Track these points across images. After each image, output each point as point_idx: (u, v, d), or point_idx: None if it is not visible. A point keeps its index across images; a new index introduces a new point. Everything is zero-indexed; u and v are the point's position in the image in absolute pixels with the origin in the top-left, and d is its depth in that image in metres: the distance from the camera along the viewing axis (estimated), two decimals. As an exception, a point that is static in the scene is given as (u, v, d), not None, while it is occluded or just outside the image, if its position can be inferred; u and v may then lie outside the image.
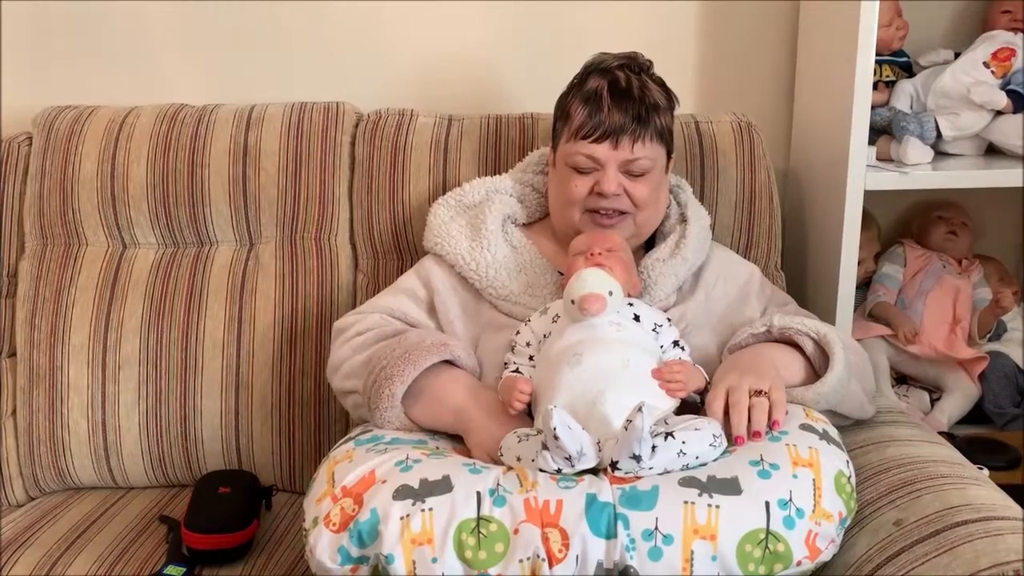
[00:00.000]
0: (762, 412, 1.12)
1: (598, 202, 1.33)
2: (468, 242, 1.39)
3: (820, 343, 1.25)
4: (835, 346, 1.23)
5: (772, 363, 1.23)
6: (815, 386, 1.22)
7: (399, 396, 1.20)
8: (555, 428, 1.02)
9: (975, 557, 0.99)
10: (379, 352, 1.25)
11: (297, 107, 1.64)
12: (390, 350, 1.24)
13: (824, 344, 1.25)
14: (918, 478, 1.15)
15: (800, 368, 1.26)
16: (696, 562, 0.97)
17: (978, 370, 1.81)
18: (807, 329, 1.26)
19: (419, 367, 1.21)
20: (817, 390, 1.21)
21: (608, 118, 1.30)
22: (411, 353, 1.22)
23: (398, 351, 1.23)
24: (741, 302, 1.39)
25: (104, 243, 1.62)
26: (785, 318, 1.28)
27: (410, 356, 1.22)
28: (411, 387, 1.21)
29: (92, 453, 1.54)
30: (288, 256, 1.60)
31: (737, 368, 1.20)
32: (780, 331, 1.27)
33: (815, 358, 1.26)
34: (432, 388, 1.22)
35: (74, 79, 1.82)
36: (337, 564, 1.01)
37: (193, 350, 1.55)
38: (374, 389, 1.21)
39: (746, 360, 1.24)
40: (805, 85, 1.80)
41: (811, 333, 1.26)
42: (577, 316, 1.18)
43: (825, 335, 1.25)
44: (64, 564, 1.33)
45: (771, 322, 1.28)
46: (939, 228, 1.91)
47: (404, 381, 1.20)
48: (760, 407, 1.12)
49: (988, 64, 1.72)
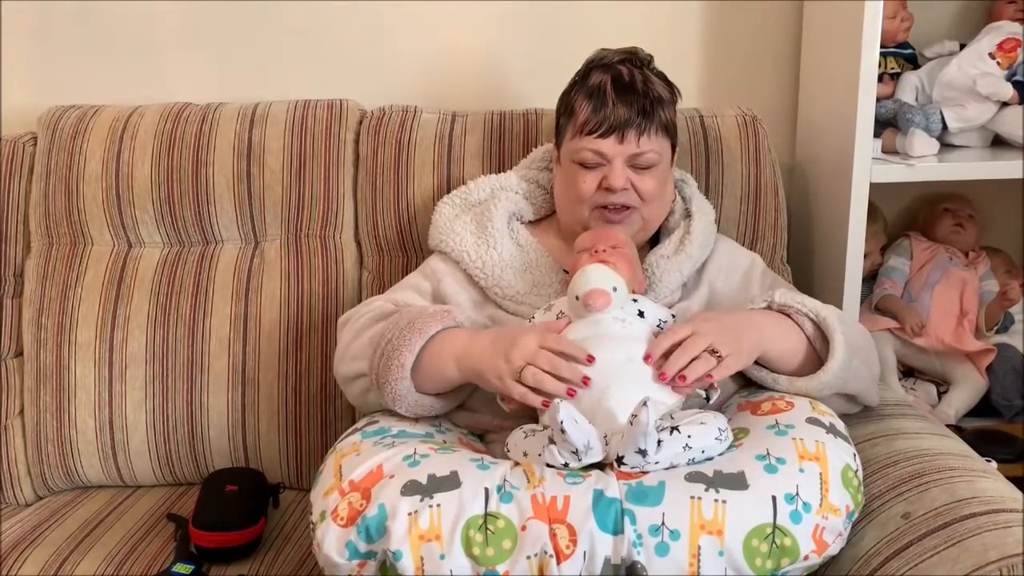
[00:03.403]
0: (703, 366, 1.12)
1: (606, 197, 1.32)
2: (474, 239, 1.38)
3: (820, 326, 1.24)
4: (834, 332, 1.22)
5: (759, 332, 1.21)
6: (818, 375, 1.21)
7: (408, 366, 1.18)
8: (562, 422, 1.02)
9: (983, 550, 0.99)
10: (383, 328, 1.23)
11: (301, 104, 1.64)
12: (393, 324, 1.22)
13: (823, 327, 1.23)
14: (926, 471, 1.14)
15: (800, 344, 1.24)
16: (703, 557, 0.97)
17: (985, 362, 1.80)
18: (806, 309, 1.24)
19: (425, 334, 1.19)
20: (820, 379, 1.21)
21: (613, 113, 1.30)
22: (416, 322, 1.20)
23: (401, 323, 1.21)
24: (743, 291, 1.38)
25: (110, 242, 1.62)
26: (787, 295, 1.27)
27: (415, 325, 1.20)
28: (417, 359, 1.19)
29: (100, 452, 1.55)
30: (293, 254, 1.60)
31: (718, 322, 1.19)
32: (780, 307, 1.26)
33: (815, 340, 1.24)
34: (430, 349, 1.20)
35: (78, 78, 1.82)
36: (345, 559, 1.01)
37: (199, 348, 1.56)
38: (382, 364, 1.19)
39: (732, 320, 1.22)
40: (810, 78, 1.80)
41: (810, 314, 1.24)
42: (582, 312, 1.18)
43: (825, 319, 1.23)
44: (73, 563, 1.34)
45: (772, 297, 1.27)
46: (945, 220, 1.90)
47: (412, 350, 1.18)
48: (704, 362, 1.12)
49: (994, 55, 1.71)
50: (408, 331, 1.19)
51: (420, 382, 1.20)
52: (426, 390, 1.21)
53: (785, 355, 1.23)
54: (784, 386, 1.23)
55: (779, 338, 1.23)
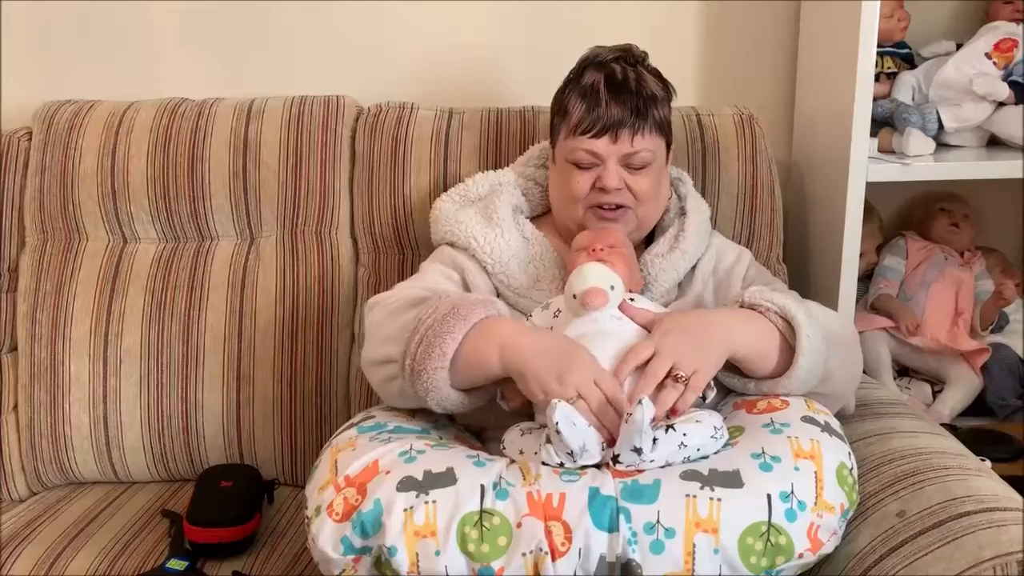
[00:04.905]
0: (670, 397, 1.09)
1: (600, 197, 1.32)
2: (481, 228, 1.36)
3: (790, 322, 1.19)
4: (800, 330, 1.16)
5: (727, 332, 1.16)
6: (782, 381, 1.17)
7: (449, 355, 1.11)
8: (558, 423, 1.02)
9: (978, 548, 0.99)
10: (422, 312, 1.16)
11: (297, 100, 1.64)
12: (433, 309, 1.15)
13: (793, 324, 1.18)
14: (921, 469, 1.15)
15: (772, 342, 1.18)
16: (698, 555, 0.97)
17: (980, 362, 1.81)
18: (775, 307, 1.19)
19: (469, 321, 1.13)
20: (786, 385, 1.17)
21: (606, 112, 1.29)
22: (459, 308, 1.14)
23: (442, 308, 1.15)
24: (727, 288, 1.37)
25: (105, 238, 1.62)
26: (757, 294, 1.22)
27: (458, 311, 1.14)
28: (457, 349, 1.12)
29: (94, 447, 1.55)
30: (289, 250, 1.59)
31: (681, 332, 1.14)
32: (749, 305, 1.21)
33: (788, 336, 1.19)
34: (472, 336, 1.13)
35: (74, 73, 1.81)
36: (340, 554, 1.01)
37: (194, 344, 1.55)
38: (420, 350, 1.12)
39: (698, 325, 1.17)
40: (807, 77, 1.80)
41: (777, 310, 1.19)
42: (579, 311, 1.18)
43: (794, 316, 1.17)
44: (66, 559, 1.34)
45: (742, 298, 1.23)
46: (941, 220, 1.91)
47: (455, 338, 1.12)
48: (671, 392, 1.09)
49: (990, 55, 1.71)
50: (452, 317, 1.13)
51: (456, 373, 1.14)
52: (461, 382, 1.15)
53: (757, 355, 1.18)
54: (753, 391, 1.20)
55: (751, 337, 1.18)
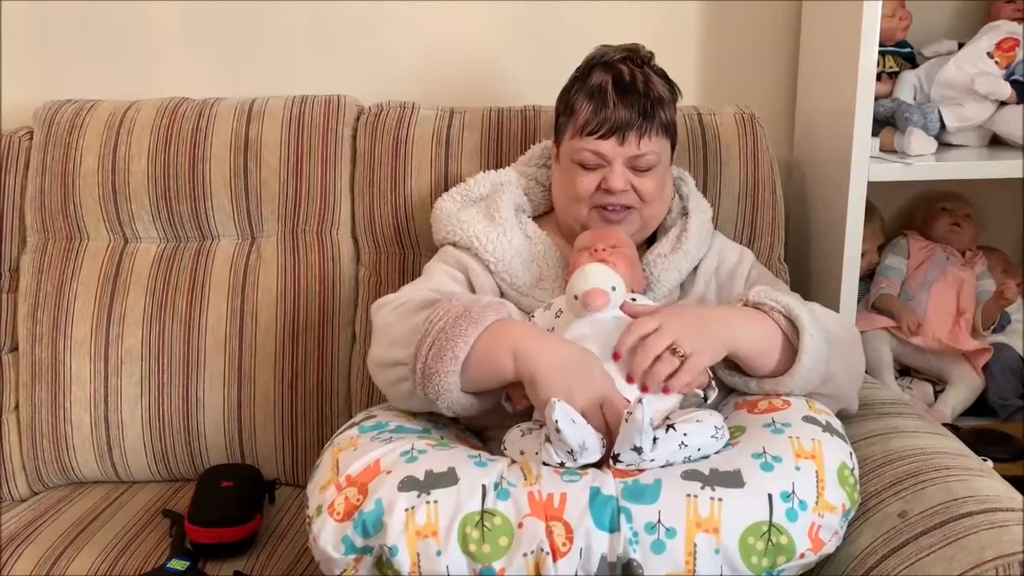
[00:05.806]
0: (664, 369, 1.10)
1: (605, 198, 1.32)
2: (484, 226, 1.36)
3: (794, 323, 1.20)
4: (804, 329, 1.17)
5: (731, 329, 1.17)
6: (784, 380, 1.18)
7: (462, 359, 1.11)
8: (557, 421, 1.02)
9: (980, 548, 0.99)
10: (433, 315, 1.15)
11: (298, 100, 1.64)
12: (444, 311, 1.15)
13: (796, 324, 1.19)
14: (922, 470, 1.14)
15: (775, 341, 1.19)
16: (699, 555, 0.97)
17: (982, 362, 1.80)
18: (779, 306, 1.20)
19: (481, 325, 1.12)
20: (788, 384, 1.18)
21: (614, 114, 1.29)
22: (471, 311, 1.14)
23: (454, 311, 1.14)
24: (729, 288, 1.37)
25: (106, 237, 1.62)
26: (761, 293, 1.23)
27: (470, 314, 1.13)
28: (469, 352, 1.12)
29: (95, 447, 1.55)
30: (290, 250, 1.59)
31: (686, 316, 1.16)
32: (754, 304, 1.22)
33: (793, 337, 1.20)
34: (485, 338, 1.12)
35: (75, 73, 1.82)
36: (341, 554, 1.01)
37: (195, 344, 1.55)
38: (432, 353, 1.12)
39: (703, 315, 1.19)
40: (808, 76, 1.80)
41: (782, 310, 1.20)
42: (580, 311, 1.18)
43: (798, 316, 1.18)
44: (67, 559, 1.34)
45: (746, 297, 1.24)
46: (943, 219, 1.91)
47: (467, 341, 1.11)
48: (667, 364, 1.10)
49: (992, 54, 1.71)
50: (464, 320, 1.13)
51: (467, 377, 1.13)
52: (471, 386, 1.14)
53: (760, 352, 1.19)
54: (755, 390, 1.21)
55: (754, 335, 1.19)
